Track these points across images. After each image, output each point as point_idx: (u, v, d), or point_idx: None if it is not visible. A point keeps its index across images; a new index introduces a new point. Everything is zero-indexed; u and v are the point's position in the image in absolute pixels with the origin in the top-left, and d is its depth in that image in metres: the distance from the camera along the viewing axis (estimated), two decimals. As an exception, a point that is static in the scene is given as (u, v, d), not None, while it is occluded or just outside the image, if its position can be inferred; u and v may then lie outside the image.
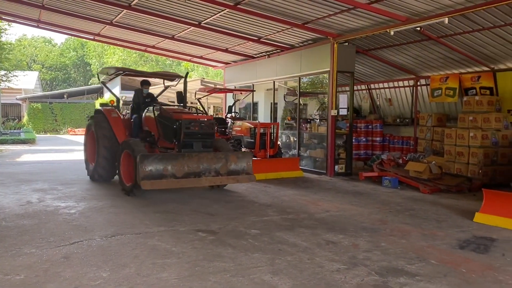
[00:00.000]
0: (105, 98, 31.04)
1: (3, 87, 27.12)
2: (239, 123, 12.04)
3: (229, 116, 12.87)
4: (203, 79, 20.61)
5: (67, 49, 59.99)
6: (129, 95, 10.54)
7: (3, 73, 25.02)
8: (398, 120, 14.00)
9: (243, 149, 11.28)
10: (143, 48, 16.95)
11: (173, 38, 14.12)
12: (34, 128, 32.02)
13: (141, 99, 9.31)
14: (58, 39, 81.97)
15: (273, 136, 11.72)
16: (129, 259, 4.48)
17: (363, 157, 13.90)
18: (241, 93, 14.12)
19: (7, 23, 22.11)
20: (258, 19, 10.88)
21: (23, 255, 4.56)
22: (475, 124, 9.94)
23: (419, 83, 12.87)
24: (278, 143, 12.11)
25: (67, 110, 35.30)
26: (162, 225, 5.87)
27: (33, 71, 47.94)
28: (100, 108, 9.61)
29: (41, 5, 12.38)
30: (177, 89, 10.40)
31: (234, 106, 13.49)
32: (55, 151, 17.80)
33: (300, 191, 9.02)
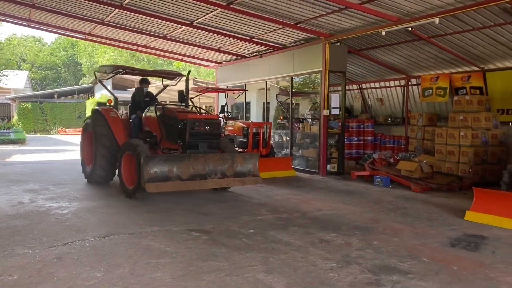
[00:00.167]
0: (96, 97, 30.81)
1: (-8, 86, 26.90)
2: (231, 122, 12.06)
3: (222, 115, 12.88)
4: (195, 78, 20.58)
5: (57, 48, 59.42)
6: (120, 95, 10.47)
7: (-7, 72, 24.85)
8: (389, 119, 14.10)
9: (236, 149, 11.29)
10: (135, 47, 16.86)
11: (165, 37, 14.08)
12: (24, 128, 31.74)
13: (142, 98, 8.99)
14: (48, 38, 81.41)
15: (265, 135, 11.76)
16: (123, 259, 4.47)
17: (355, 156, 13.99)
18: (233, 93, 14.13)
19: (-4, 22, 21.91)
20: (250, 18, 10.90)
21: (15, 255, 4.52)
22: (466, 123, 10.05)
23: (410, 83, 12.97)
24: (270, 142, 12.15)
25: (57, 110, 35.03)
26: (155, 225, 5.86)
27: (22, 70, 47.53)
28: (98, 107, 9.12)
29: (31, 4, 12.25)
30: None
31: (226, 105, 13.49)
32: (46, 151, 17.65)
33: (293, 190, 9.06)
